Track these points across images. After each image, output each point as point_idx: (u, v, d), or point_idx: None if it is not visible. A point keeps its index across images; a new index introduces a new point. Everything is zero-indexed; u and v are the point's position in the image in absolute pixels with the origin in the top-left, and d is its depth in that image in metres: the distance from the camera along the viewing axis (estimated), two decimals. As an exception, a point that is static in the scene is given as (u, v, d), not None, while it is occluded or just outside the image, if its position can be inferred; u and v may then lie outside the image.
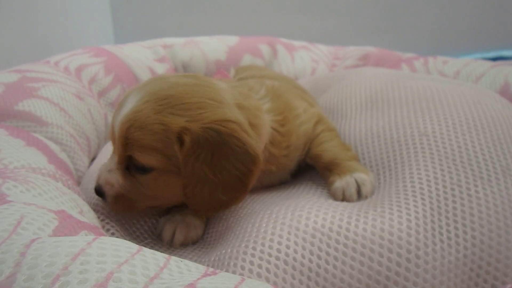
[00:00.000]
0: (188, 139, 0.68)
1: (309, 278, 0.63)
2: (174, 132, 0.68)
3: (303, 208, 0.73)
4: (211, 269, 0.46)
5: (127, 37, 1.69)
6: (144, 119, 0.69)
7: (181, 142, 0.69)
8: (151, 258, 0.44)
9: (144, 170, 0.72)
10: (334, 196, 0.82)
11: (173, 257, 0.46)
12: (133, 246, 0.45)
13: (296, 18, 2.73)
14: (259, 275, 0.63)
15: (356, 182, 0.81)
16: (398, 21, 2.73)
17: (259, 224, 0.71)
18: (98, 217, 0.77)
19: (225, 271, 0.60)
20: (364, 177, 0.82)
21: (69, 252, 0.40)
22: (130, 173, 0.75)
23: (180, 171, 0.71)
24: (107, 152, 1.11)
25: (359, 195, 0.80)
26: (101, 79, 1.24)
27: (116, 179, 0.75)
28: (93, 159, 1.15)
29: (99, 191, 0.77)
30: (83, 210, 0.66)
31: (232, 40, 1.79)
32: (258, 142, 0.76)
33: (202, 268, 0.46)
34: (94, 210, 0.78)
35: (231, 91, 0.80)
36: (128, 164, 0.74)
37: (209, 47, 1.70)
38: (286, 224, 0.69)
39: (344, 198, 0.80)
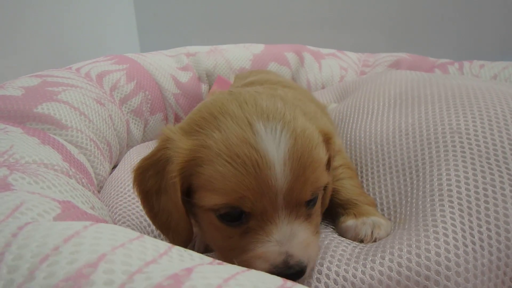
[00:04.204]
0: (332, 140, 0.65)
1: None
2: (328, 137, 0.65)
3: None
4: (218, 261, 0.43)
5: (152, 50, 1.70)
6: (311, 132, 0.60)
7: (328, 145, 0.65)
8: (150, 245, 0.41)
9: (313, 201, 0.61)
10: (344, 234, 0.73)
11: (177, 247, 0.44)
12: (133, 233, 0.43)
13: (324, 30, 2.70)
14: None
15: (373, 223, 0.71)
16: (430, 30, 2.66)
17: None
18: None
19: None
20: (382, 221, 0.72)
21: (62, 234, 0.38)
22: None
23: None
24: (130, 159, 1.12)
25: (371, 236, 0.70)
26: (123, 86, 1.25)
27: (314, 243, 0.60)
28: (115, 166, 1.15)
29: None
30: (94, 206, 0.65)
31: (257, 48, 1.79)
32: None
33: (207, 259, 0.44)
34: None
35: None
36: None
37: (234, 55, 1.70)
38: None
39: (356, 237, 0.70)
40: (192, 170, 0.58)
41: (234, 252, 0.58)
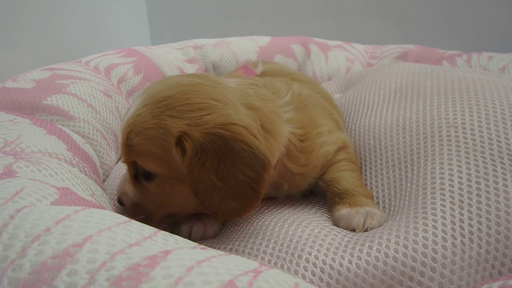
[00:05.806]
0: (190, 146, 0.63)
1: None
2: (173, 137, 0.64)
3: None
4: (201, 246, 0.46)
5: (163, 42, 1.74)
6: (143, 123, 0.66)
7: (182, 148, 0.64)
8: (136, 229, 0.44)
9: (149, 176, 0.70)
10: (337, 223, 0.74)
11: (164, 232, 0.47)
12: (120, 218, 0.47)
13: (331, 21, 2.70)
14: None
15: (367, 213, 0.73)
16: (439, 22, 2.64)
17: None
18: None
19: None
20: (376, 212, 0.73)
21: (54, 217, 0.42)
22: (138, 181, 0.73)
23: (183, 177, 0.66)
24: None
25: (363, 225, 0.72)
26: (131, 78, 1.29)
27: (129, 188, 0.74)
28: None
29: (120, 200, 0.76)
30: (94, 193, 0.70)
31: (263, 40, 1.81)
32: (271, 149, 0.69)
33: (191, 244, 0.47)
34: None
35: (241, 89, 0.74)
36: (136, 172, 0.72)
37: (240, 48, 1.72)
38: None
39: (348, 226, 0.72)
40: None
41: None
